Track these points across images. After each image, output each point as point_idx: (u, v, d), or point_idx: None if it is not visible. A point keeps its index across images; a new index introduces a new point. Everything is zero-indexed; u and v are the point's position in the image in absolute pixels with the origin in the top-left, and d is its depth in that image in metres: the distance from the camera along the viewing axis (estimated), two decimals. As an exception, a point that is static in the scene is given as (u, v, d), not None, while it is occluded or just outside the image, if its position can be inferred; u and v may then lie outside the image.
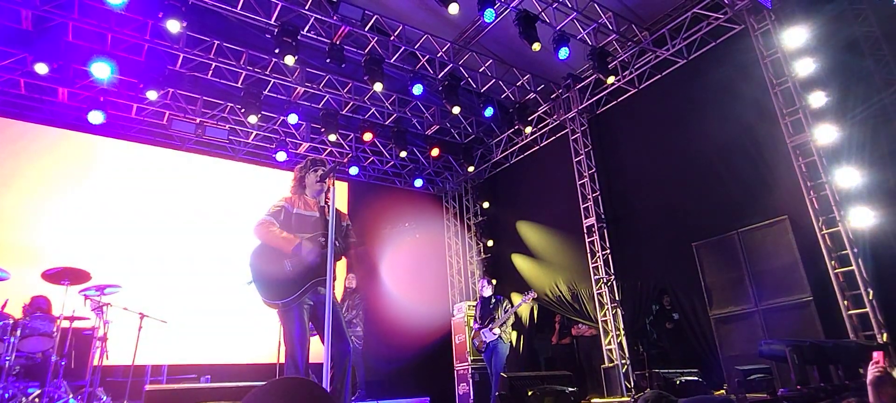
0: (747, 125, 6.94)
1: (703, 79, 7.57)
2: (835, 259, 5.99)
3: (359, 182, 10.85)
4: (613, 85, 8.60)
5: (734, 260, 6.74)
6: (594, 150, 9.08)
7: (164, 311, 6.49)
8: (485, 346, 7.04)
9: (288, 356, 3.30)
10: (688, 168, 7.56)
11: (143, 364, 6.88)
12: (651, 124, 8.34)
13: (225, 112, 9.01)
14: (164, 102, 8.46)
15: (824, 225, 6.10)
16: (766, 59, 6.78)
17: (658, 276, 7.93)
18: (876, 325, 5.57)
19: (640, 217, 8.30)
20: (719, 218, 6.99)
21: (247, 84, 8.16)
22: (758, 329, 6.36)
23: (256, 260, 3.42)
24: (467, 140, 10.72)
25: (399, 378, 9.54)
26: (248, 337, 8.24)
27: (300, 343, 3.29)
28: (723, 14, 7.26)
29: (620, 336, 8.11)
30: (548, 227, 9.76)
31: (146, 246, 8.27)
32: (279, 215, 3.52)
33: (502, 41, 8.44)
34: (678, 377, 5.79)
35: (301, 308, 3.35)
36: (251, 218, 3.52)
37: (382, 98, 9.24)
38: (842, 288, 5.88)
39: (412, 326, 10.06)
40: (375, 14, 7.48)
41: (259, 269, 3.40)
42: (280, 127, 9.52)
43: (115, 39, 7.25)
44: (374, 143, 10.26)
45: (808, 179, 6.28)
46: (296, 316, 3.33)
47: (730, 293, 6.76)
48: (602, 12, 7.63)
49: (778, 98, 6.63)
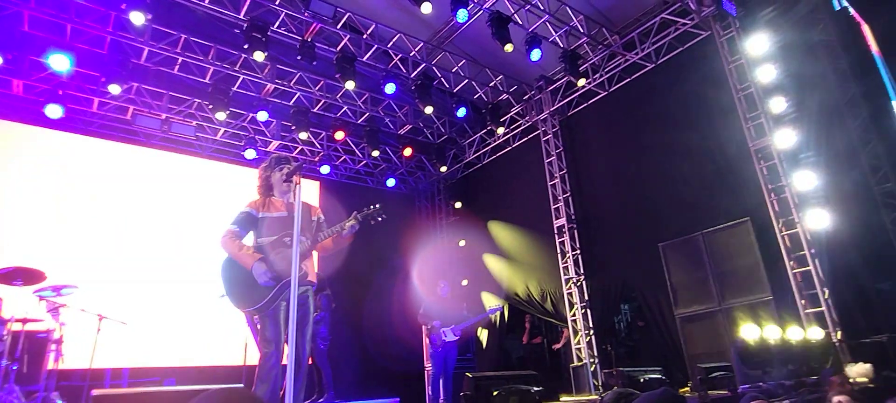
0: (713, 128, 7.12)
1: (670, 82, 7.74)
2: (793, 259, 6.19)
3: (330, 181, 10.72)
4: (584, 87, 8.72)
5: (698, 260, 6.91)
6: (565, 152, 9.19)
7: (128, 313, 6.30)
8: (441, 344, 7.04)
9: (263, 358, 3.25)
10: (655, 170, 7.71)
11: (103, 367, 6.65)
12: (620, 126, 8.48)
13: (192, 108, 8.79)
14: (127, 97, 8.20)
15: (784, 226, 6.31)
16: (731, 65, 6.97)
17: (626, 276, 8.07)
18: (831, 323, 5.78)
19: (610, 217, 8.43)
20: (685, 220, 7.15)
21: (215, 80, 7.98)
22: (721, 328, 6.54)
23: (226, 270, 3.40)
24: (440, 140, 10.71)
25: (368, 379, 9.47)
26: (215, 339, 8.06)
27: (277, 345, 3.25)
28: (690, 20, 7.44)
29: (589, 335, 8.22)
30: (519, 227, 9.83)
31: (108, 245, 8.00)
32: (245, 222, 3.45)
33: (475, 42, 8.46)
34: (642, 375, 5.90)
35: (277, 310, 3.30)
36: (218, 217, 3.46)
37: (355, 96, 9.15)
38: (800, 288, 6.08)
39: (382, 326, 10.01)
40: (348, 11, 7.41)
41: (229, 278, 3.37)
42: (249, 124, 9.34)
43: (74, 31, 6.99)
44: (346, 142, 10.16)
45: (769, 182, 6.48)
46: (271, 320, 3.28)
47: (694, 292, 6.93)
48: (573, 15, 7.72)
49: (741, 103, 6.82)
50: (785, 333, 5.92)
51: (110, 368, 6.93)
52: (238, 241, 3.38)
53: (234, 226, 3.42)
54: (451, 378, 7.15)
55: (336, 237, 3.55)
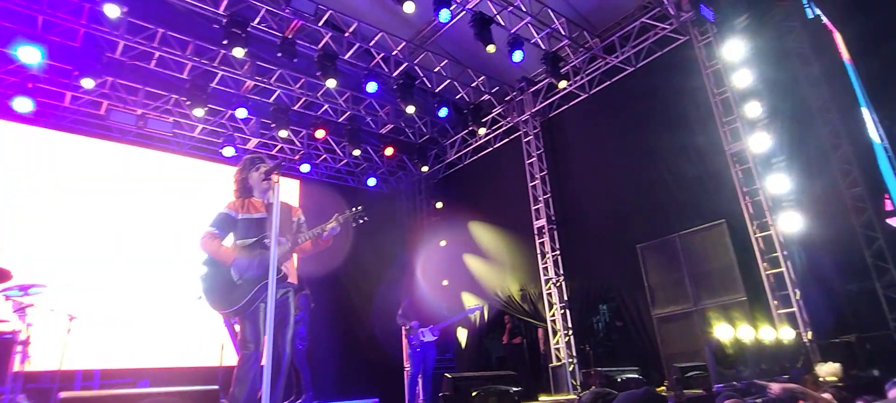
0: (690, 132, 7.25)
1: (650, 86, 7.85)
2: (767, 261, 6.33)
3: (310, 179, 10.62)
4: (565, 89, 8.78)
5: (675, 261, 7.02)
6: (546, 153, 9.25)
7: (101, 313, 6.14)
8: (420, 345, 7.04)
9: (241, 360, 3.20)
10: (634, 172, 7.81)
11: (73, 369, 6.48)
12: (600, 129, 8.57)
13: (169, 104, 8.62)
14: (101, 91, 8.00)
15: (758, 228, 6.44)
16: (708, 70, 7.10)
17: (605, 277, 8.16)
18: (802, 324, 5.93)
19: (589, 219, 8.52)
20: (662, 221, 7.26)
21: (193, 75, 7.84)
22: (696, 328, 6.65)
23: (204, 271, 3.35)
24: (421, 140, 10.69)
25: (348, 379, 9.41)
26: (191, 340, 7.91)
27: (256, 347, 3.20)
28: (669, 24, 7.55)
29: (568, 335, 8.29)
30: (500, 228, 9.86)
31: (80, 243, 7.79)
32: (224, 223, 3.40)
33: (458, 42, 8.46)
34: (620, 375, 5.98)
35: (256, 312, 3.25)
36: (195, 215, 3.41)
37: (336, 95, 9.08)
38: (772, 289, 6.23)
39: (362, 325, 9.95)
40: (329, 9, 7.34)
41: (207, 280, 3.32)
42: (228, 121, 9.20)
43: (46, 22, 6.79)
44: (327, 141, 10.07)
45: (744, 185, 6.61)
46: (250, 321, 3.24)
47: (671, 293, 7.04)
48: (555, 18, 7.78)
49: (718, 107, 6.95)
50: (758, 333, 6.05)
51: (81, 370, 6.75)
52: (217, 242, 3.33)
53: (212, 228, 3.36)
54: (430, 379, 7.14)
55: (316, 239, 3.51)
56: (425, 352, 7.06)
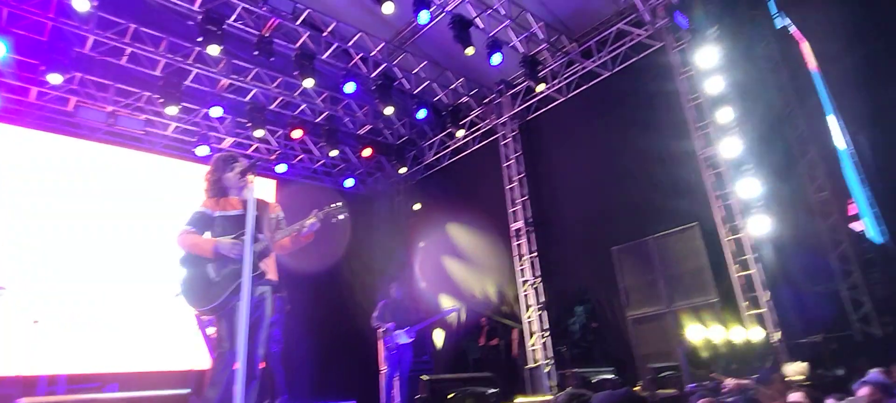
0: (664, 136, 7.38)
1: (625, 90, 7.97)
2: (738, 263, 6.48)
3: (287, 180, 10.48)
4: (543, 92, 8.86)
5: (649, 264, 7.13)
6: (524, 156, 9.32)
7: (68, 316, 5.95)
8: (396, 347, 7.01)
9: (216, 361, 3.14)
10: (611, 175, 7.92)
11: (36, 374, 6.26)
12: (577, 132, 8.67)
13: (141, 101, 8.41)
14: (69, 87, 7.77)
15: (729, 231, 6.60)
16: (682, 76, 7.24)
17: (581, 279, 8.25)
18: (771, 325, 6.09)
19: (566, 221, 8.60)
20: (637, 224, 7.37)
21: (166, 72, 7.67)
22: (669, 329, 6.76)
23: (181, 270, 3.29)
24: (400, 141, 10.66)
25: (324, 382, 9.30)
26: (162, 342, 7.73)
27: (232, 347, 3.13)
28: (644, 30, 7.69)
29: (545, 336, 8.35)
30: (477, 230, 9.88)
31: (46, 243, 7.53)
32: (200, 222, 3.34)
33: (437, 44, 8.47)
34: (595, 375, 6.04)
35: (234, 310, 3.18)
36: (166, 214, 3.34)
37: (313, 94, 8.99)
38: (743, 290, 6.38)
39: (338, 327, 9.85)
40: (308, 8, 7.28)
41: (184, 278, 3.27)
42: (202, 120, 9.02)
43: (12, 15, 6.58)
44: (304, 141, 9.97)
45: (716, 189, 6.76)
46: (227, 320, 3.17)
47: (645, 295, 7.14)
48: (534, 22, 7.85)
49: (691, 112, 7.10)
50: (729, 334, 6.19)
51: (46, 375, 6.53)
52: (193, 239, 3.26)
53: (188, 227, 3.31)
54: (407, 381, 7.11)
55: (295, 236, 3.46)
56: (402, 354, 7.02)
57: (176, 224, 3.36)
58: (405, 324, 7.08)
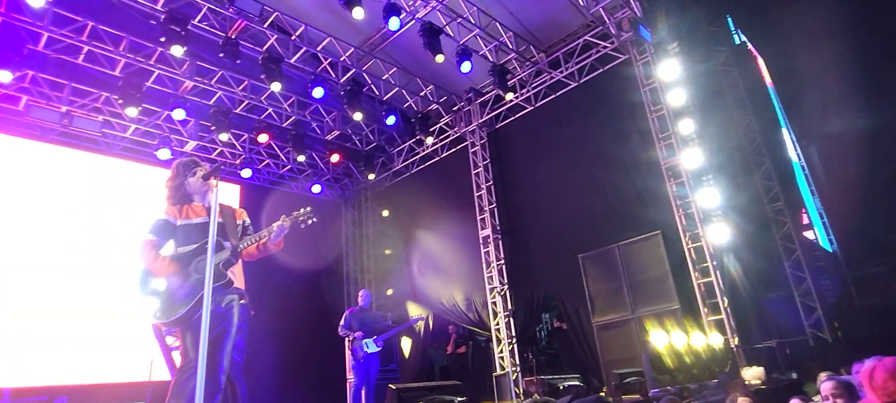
0: (629, 146, 7.56)
1: (592, 101, 8.14)
2: (698, 270, 6.68)
3: (252, 185, 10.27)
4: (512, 101, 8.96)
5: (614, 271, 7.28)
6: (492, 163, 9.39)
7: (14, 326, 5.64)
8: (364, 356, 6.93)
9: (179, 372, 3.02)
10: (577, 183, 8.06)
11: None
12: (545, 141, 8.80)
13: (98, 102, 8.10)
14: (20, 86, 7.42)
15: (690, 239, 6.79)
16: (646, 88, 7.45)
17: (548, 286, 8.34)
18: (730, 330, 6.28)
19: (533, 229, 8.70)
20: (602, 232, 7.51)
21: (126, 73, 7.41)
22: (634, 335, 6.90)
23: (144, 279, 3.16)
24: (368, 147, 10.59)
25: (289, 392, 9.10)
26: (117, 353, 7.41)
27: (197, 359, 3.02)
28: (610, 43, 7.88)
29: (512, 343, 8.40)
30: (445, 237, 9.89)
31: (-9, 249, 7.16)
32: (163, 230, 3.21)
33: (407, 51, 8.46)
34: (561, 382, 6.10)
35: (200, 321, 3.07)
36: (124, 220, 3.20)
37: (281, 99, 8.84)
38: (703, 297, 6.57)
39: (304, 335, 9.67)
40: (276, 11, 7.16)
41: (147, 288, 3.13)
42: (164, 122, 8.75)
43: (-42, 9, 6.25)
44: (270, 145, 9.78)
45: (678, 198, 6.96)
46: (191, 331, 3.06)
47: (610, 302, 7.28)
48: (503, 32, 7.94)
49: (655, 123, 7.30)
50: (690, 340, 6.36)
51: (-11, 388, 6.19)
52: (154, 252, 3.13)
53: (151, 236, 3.17)
54: (374, 390, 7.02)
55: (262, 242, 3.37)
56: (369, 363, 6.94)
57: (133, 229, 3.23)
58: (373, 333, 7.00)
